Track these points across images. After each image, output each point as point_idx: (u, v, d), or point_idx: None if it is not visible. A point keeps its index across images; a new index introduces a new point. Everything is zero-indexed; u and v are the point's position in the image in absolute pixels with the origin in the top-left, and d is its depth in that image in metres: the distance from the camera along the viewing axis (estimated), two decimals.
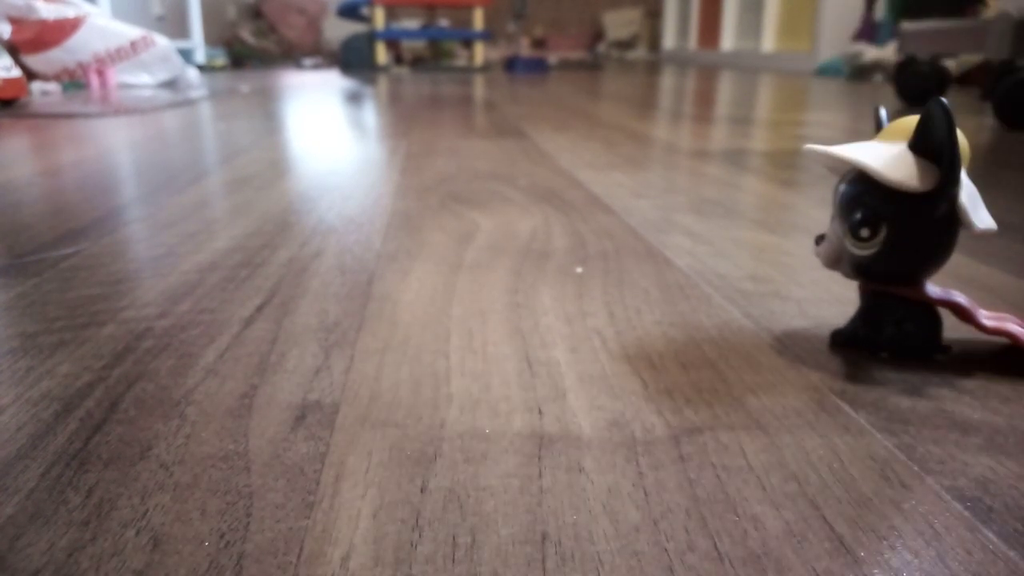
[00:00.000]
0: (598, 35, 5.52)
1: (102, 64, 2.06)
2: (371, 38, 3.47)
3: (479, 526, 0.23)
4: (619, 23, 5.42)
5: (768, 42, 3.76)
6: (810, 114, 1.51)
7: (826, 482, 0.25)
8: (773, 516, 0.23)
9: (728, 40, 4.17)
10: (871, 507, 0.23)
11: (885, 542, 0.22)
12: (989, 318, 0.35)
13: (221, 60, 3.67)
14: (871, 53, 2.75)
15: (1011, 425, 0.29)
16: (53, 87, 1.90)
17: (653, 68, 3.91)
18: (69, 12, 2.03)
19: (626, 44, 5.41)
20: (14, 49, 1.89)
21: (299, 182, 0.78)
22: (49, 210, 0.64)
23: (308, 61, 3.93)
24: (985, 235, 0.32)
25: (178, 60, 2.25)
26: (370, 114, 1.58)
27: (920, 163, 0.31)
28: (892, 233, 0.32)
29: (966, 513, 0.23)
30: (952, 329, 0.35)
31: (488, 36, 3.77)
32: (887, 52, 2.63)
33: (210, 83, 2.42)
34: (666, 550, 0.21)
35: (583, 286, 0.45)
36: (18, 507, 0.23)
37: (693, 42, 4.58)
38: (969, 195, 0.32)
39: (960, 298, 0.34)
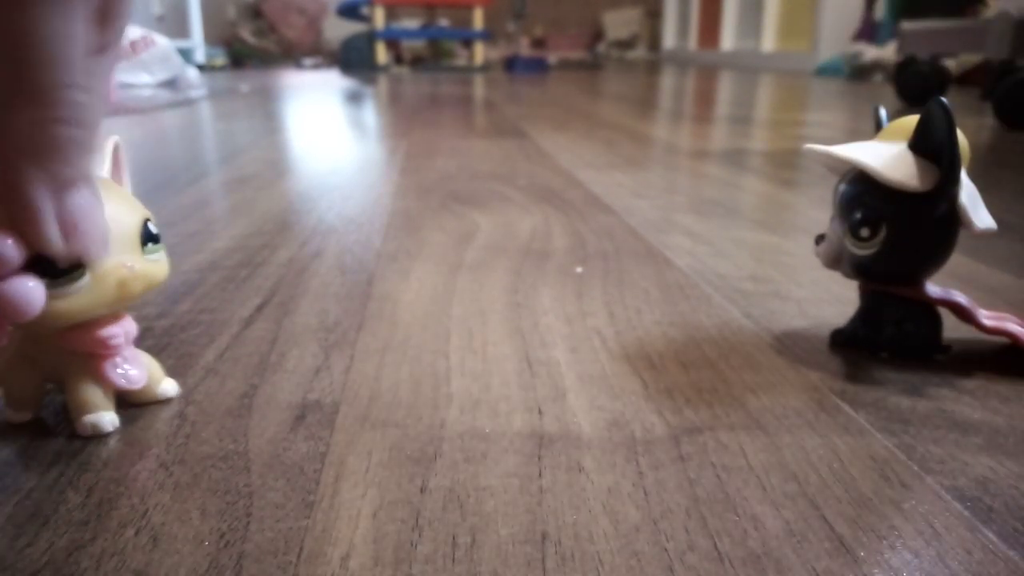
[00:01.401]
0: (598, 35, 5.52)
1: None
2: (371, 38, 3.47)
3: (479, 526, 0.23)
4: (619, 23, 5.42)
5: (768, 42, 3.76)
6: (810, 114, 1.51)
7: (826, 482, 0.25)
8: (773, 516, 0.23)
9: (728, 40, 4.17)
10: (871, 507, 0.23)
11: (885, 542, 0.22)
12: (989, 318, 0.35)
13: (221, 60, 3.67)
14: (871, 53, 2.75)
15: (1011, 425, 0.29)
16: None
17: (653, 68, 3.91)
18: None
19: (626, 44, 5.41)
20: None
21: (299, 182, 0.78)
22: None
23: (308, 61, 3.93)
24: (985, 235, 0.32)
25: (178, 60, 2.25)
26: (370, 114, 1.58)
27: (920, 163, 0.31)
28: (892, 233, 0.32)
29: (966, 513, 0.23)
30: (952, 329, 0.35)
31: (488, 36, 3.77)
32: (887, 52, 2.63)
33: (210, 83, 2.42)
34: (666, 550, 0.21)
35: (583, 286, 0.45)
36: (18, 507, 0.23)
37: (693, 42, 4.58)
38: (969, 195, 0.32)
39: (960, 298, 0.34)
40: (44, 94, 0.23)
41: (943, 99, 0.30)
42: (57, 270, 0.25)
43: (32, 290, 0.24)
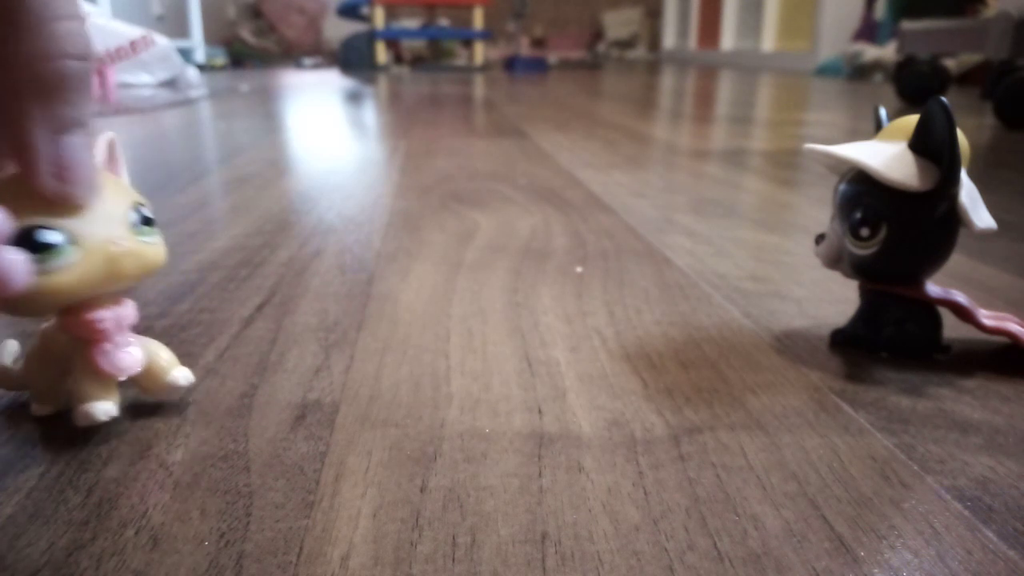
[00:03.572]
0: (598, 35, 5.51)
1: (102, 64, 2.05)
2: (371, 38, 3.47)
3: (479, 525, 0.23)
4: (619, 23, 5.42)
5: (768, 42, 3.76)
6: (810, 114, 1.51)
7: (826, 482, 0.25)
8: (773, 516, 0.23)
9: (728, 40, 4.17)
10: (871, 507, 0.23)
11: (885, 542, 0.22)
12: (989, 318, 0.35)
13: (221, 59, 3.66)
14: (871, 53, 2.75)
15: (1011, 425, 0.29)
16: None
17: (653, 68, 3.91)
18: None
19: (626, 44, 5.41)
20: None
21: (299, 181, 0.78)
22: None
23: (308, 61, 3.93)
24: (985, 235, 0.32)
25: (178, 60, 2.25)
26: (370, 114, 1.58)
27: (920, 163, 0.31)
28: (892, 233, 0.32)
29: (966, 513, 0.23)
30: (952, 329, 0.35)
31: (488, 36, 3.77)
32: (887, 52, 2.63)
33: (210, 82, 2.42)
34: (666, 549, 0.21)
35: (583, 286, 0.45)
36: (18, 507, 0.23)
37: (693, 42, 4.58)
38: (969, 194, 0.32)
39: (960, 298, 0.34)
40: (37, 28, 0.23)
41: (943, 99, 0.30)
42: (39, 244, 0.24)
43: (15, 262, 0.23)
